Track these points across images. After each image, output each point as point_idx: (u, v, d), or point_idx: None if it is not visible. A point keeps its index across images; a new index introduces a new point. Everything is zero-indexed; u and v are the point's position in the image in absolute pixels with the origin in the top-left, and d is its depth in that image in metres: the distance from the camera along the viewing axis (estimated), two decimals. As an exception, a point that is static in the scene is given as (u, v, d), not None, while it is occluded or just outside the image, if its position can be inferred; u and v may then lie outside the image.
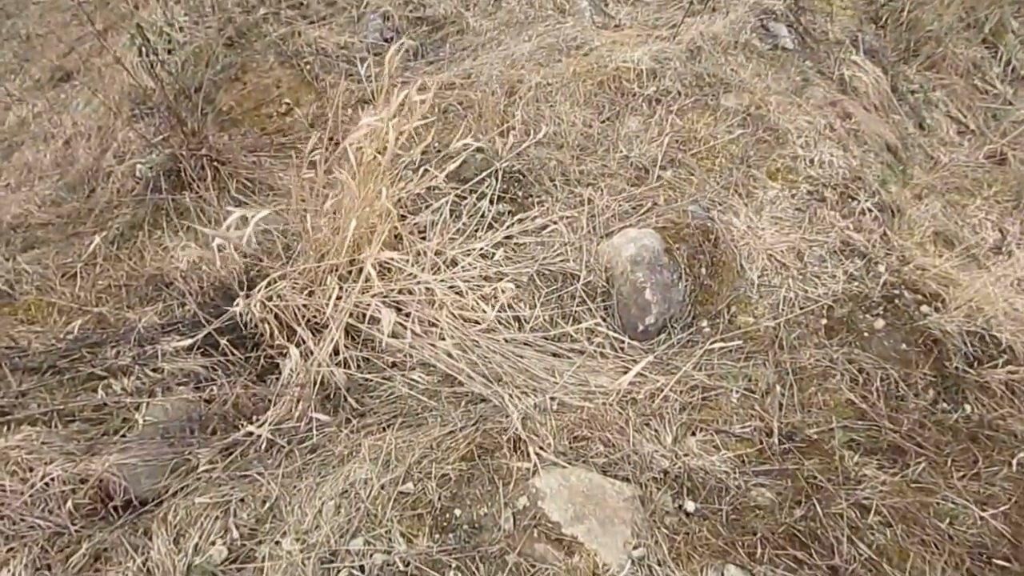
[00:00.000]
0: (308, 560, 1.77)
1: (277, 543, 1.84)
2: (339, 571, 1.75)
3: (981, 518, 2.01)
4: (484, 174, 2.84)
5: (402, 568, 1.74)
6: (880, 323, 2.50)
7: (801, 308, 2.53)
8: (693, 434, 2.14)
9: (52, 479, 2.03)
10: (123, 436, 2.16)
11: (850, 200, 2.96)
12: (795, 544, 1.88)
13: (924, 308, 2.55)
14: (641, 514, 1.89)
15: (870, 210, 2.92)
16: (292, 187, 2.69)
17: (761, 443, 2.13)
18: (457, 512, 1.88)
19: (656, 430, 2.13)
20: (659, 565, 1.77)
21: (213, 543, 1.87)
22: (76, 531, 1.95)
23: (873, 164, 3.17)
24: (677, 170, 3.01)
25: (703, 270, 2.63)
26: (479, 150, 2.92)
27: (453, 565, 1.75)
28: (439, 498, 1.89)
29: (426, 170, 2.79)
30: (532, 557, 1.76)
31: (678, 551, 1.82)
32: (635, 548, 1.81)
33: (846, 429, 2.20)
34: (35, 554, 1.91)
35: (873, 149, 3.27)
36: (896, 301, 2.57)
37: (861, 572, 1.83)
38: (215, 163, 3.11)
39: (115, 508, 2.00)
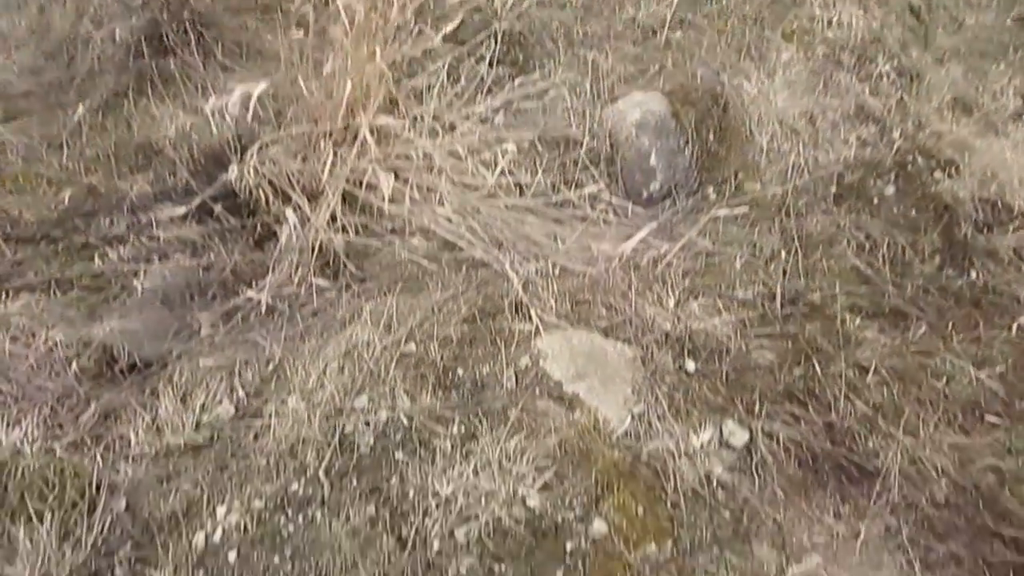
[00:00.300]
0: (314, 416, 1.82)
1: (283, 401, 1.89)
2: (344, 426, 1.80)
3: (977, 378, 2.04)
4: (482, 35, 2.72)
5: (406, 423, 1.79)
6: (891, 190, 2.46)
7: (811, 175, 2.49)
8: (695, 298, 2.15)
9: (56, 343, 2.06)
10: (123, 303, 2.18)
11: (868, 63, 2.85)
12: (793, 401, 1.92)
13: (937, 174, 2.51)
14: (642, 373, 1.93)
15: (888, 74, 2.82)
16: (281, 50, 2.58)
17: (763, 307, 2.15)
18: (460, 371, 1.91)
19: (658, 294, 2.14)
20: (659, 420, 1.83)
21: (220, 402, 1.92)
22: (84, 392, 2.00)
23: (894, 26, 3.03)
24: (687, 32, 2.88)
25: (711, 136, 2.56)
26: (477, 9, 2.78)
27: (456, 420, 1.80)
28: (441, 358, 1.93)
29: (421, 31, 2.66)
30: (534, 412, 1.81)
31: (677, 407, 1.87)
32: (635, 404, 1.85)
33: (849, 294, 2.21)
34: (45, 414, 1.96)
35: (895, 10, 3.12)
36: (909, 167, 2.52)
37: (856, 427, 1.89)
38: (198, 27, 2.97)
39: (120, 370, 2.04)
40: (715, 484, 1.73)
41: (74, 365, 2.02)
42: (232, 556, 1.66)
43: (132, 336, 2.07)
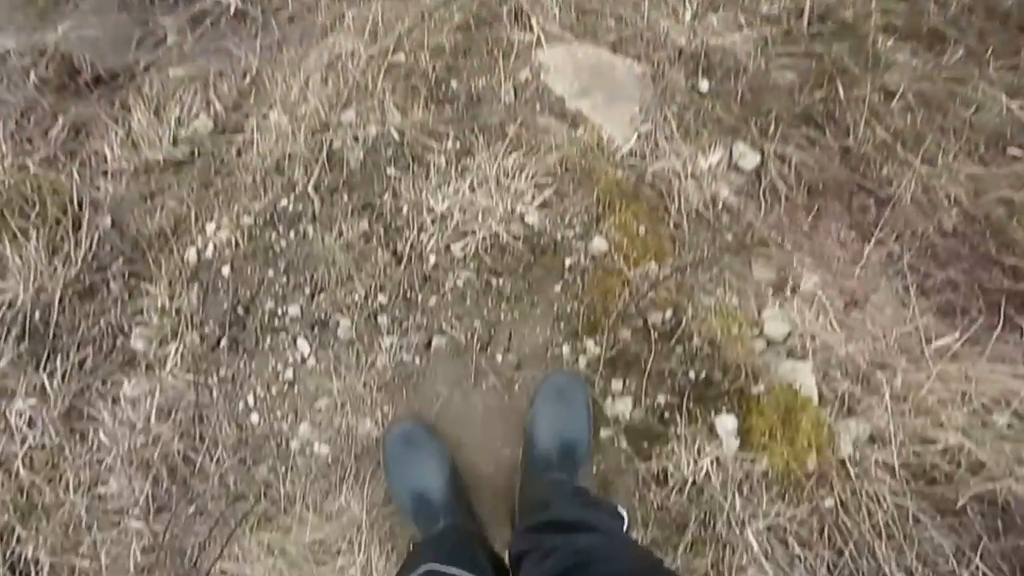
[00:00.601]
0: (298, 131, 1.71)
1: (264, 116, 1.76)
2: (332, 141, 1.69)
3: (1008, 108, 1.91)
4: None
5: (397, 138, 1.68)
6: None
7: None
8: (715, 12, 1.93)
9: (8, 52, 1.88)
10: (75, 6, 1.94)
11: None
12: (810, 124, 1.81)
13: None
14: (651, 91, 1.78)
15: None
16: None
17: (789, 24, 1.94)
18: (454, 84, 1.76)
19: (673, 6, 1.92)
20: (666, 140, 1.72)
21: (196, 116, 1.79)
22: (49, 105, 1.85)
23: None
24: None
25: None
26: None
27: (451, 135, 1.69)
28: (433, 69, 1.76)
29: None
30: (534, 128, 1.69)
31: (687, 128, 1.75)
32: (642, 124, 1.73)
33: (886, 12, 1.99)
34: (11, 129, 1.83)
35: None
36: None
37: (873, 154, 1.79)
38: None
39: (85, 83, 1.88)
40: (720, 207, 1.67)
41: (32, 75, 1.85)
42: (226, 271, 1.64)
43: (92, 44, 1.88)
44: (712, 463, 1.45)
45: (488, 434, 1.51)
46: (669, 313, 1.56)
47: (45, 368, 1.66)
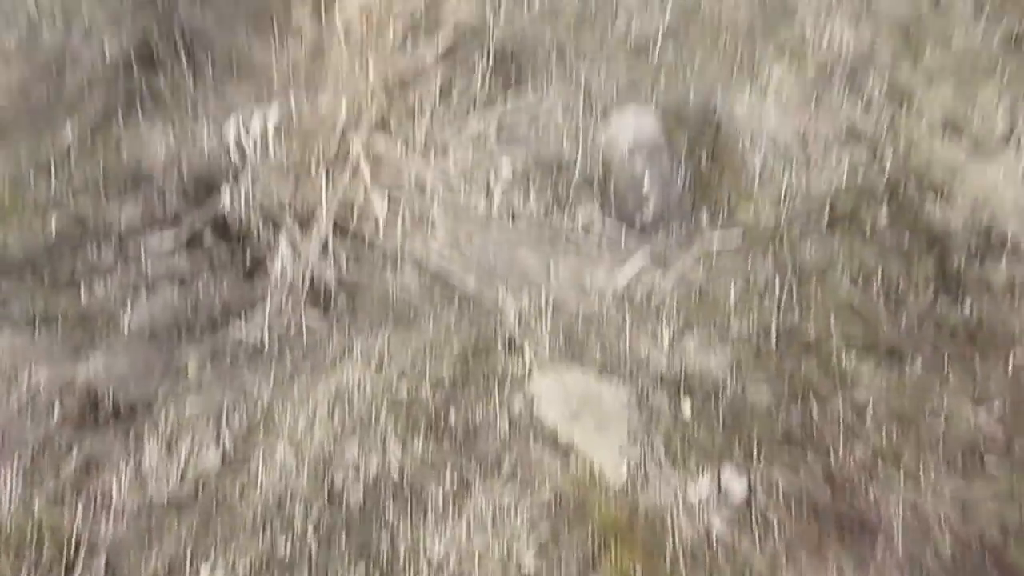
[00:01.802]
0: (303, 466, 1.64)
1: (271, 449, 1.70)
2: (334, 478, 1.61)
3: (976, 422, 1.87)
4: (475, 51, 2.49)
5: (396, 478, 1.61)
6: (883, 217, 2.27)
7: (803, 201, 2.29)
8: (691, 332, 1.96)
9: (39, 386, 1.86)
10: (108, 340, 1.96)
11: (858, 83, 2.64)
12: (793, 444, 1.75)
13: (928, 204, 2.31)
14: (637, 416, 1.75)
15: (879, 94, 2.61)
16: (275, 68, 2.35)
17: (758, 343, 1.97)
18: (452, 415, 1.73)
19: (653, 330, 1.96)
20: (656, 467, 1.65)
21: (207, 449, 1.72)
22: (66, 439, 1.79)
23: (884, 45, 2.81)
24: (679, 49, 2.66)
25: (704, 157, 2.36)
26: (470, 26, 2.55)
27: (448, 467, 1.61)
28: (433, 398, 1.74)
29: (415, 47, 2.44)
30: (528, 462, 1.63)
31: (674, 454, 1.69)
32: (631, 449, 1.68)
33: (844, 329, 2.02)
34: (26, 464, 1.75)
35: (884, 27, 2.90)
36: (901, 194, 2.33)
37: (856, 475, 1.72)
38: (189, 42, 2.73)
39: (104, 416, 1.84)
40: (714, 540, 1.56)
41: (56, 410, 1.82)
42: (217, 618, 1.49)
43: (118, 377, 1.86)
44: None
45: None
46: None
47: None
